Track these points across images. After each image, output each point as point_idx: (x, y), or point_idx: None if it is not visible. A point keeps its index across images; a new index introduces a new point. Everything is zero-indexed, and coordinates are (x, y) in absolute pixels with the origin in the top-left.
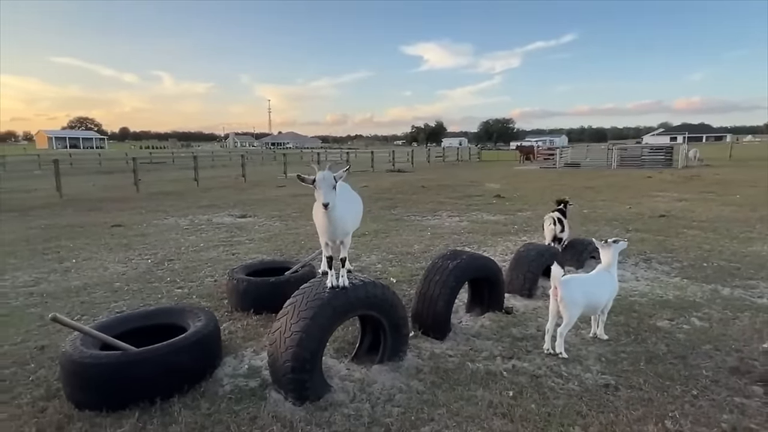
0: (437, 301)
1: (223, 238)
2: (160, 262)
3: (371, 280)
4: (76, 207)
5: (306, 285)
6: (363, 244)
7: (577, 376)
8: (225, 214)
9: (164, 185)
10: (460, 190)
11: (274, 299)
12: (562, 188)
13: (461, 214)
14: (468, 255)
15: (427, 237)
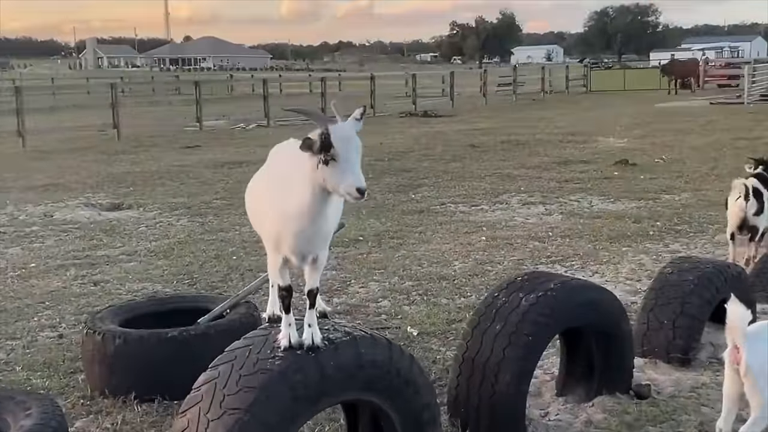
0: (499, 372)
1: (75, 252)
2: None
3: (367, 332)
4: None
5: (237, 344)
6: (354, 260)
7: None
8: (79, 203)
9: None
10: (546, 151)
11: (177, 372)
12: (755, 145)
13: (548, 199)
14: (561, 282)
15: (480, 246)
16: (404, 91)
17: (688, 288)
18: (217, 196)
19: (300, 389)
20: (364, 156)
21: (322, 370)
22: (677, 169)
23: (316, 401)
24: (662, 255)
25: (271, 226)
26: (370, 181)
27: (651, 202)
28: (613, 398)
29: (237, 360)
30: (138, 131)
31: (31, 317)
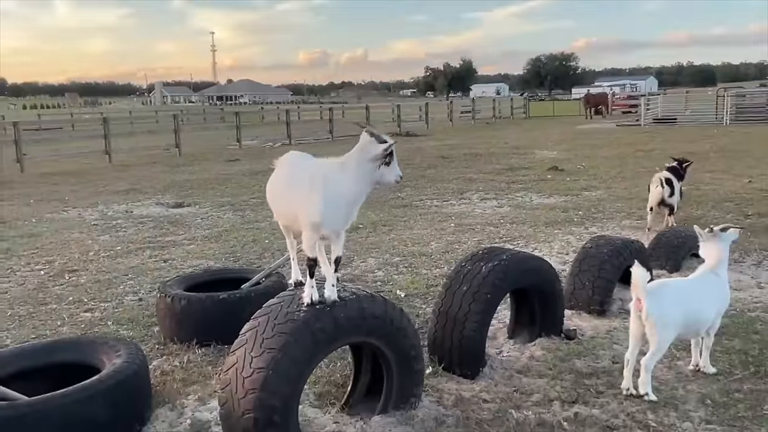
0: (466, 321)
1: (149, 238)
2: (58, 274)
3: (368, 292)
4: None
5: (272, 302)
6: (356, 242)
7: (671, 427)
8: (152, 202)
9: (61, 162)
10: (498, 160)
11: (226, 324)
12: (650, 156)
13: (500, 196)
14: (511, 254)
15: (450, 230)
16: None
17: (603, 258)
18: (253, 196)
19: (319, 334)
20: None
21: (336, 320)
22: (593, 173)
23: (331, 343)
24: (583, 235)
25: (315, 211)
26: None
27: (575, 197)
28: (549, 340)
29: (272, 313)
30: (193, 149)
31: (118, 286)
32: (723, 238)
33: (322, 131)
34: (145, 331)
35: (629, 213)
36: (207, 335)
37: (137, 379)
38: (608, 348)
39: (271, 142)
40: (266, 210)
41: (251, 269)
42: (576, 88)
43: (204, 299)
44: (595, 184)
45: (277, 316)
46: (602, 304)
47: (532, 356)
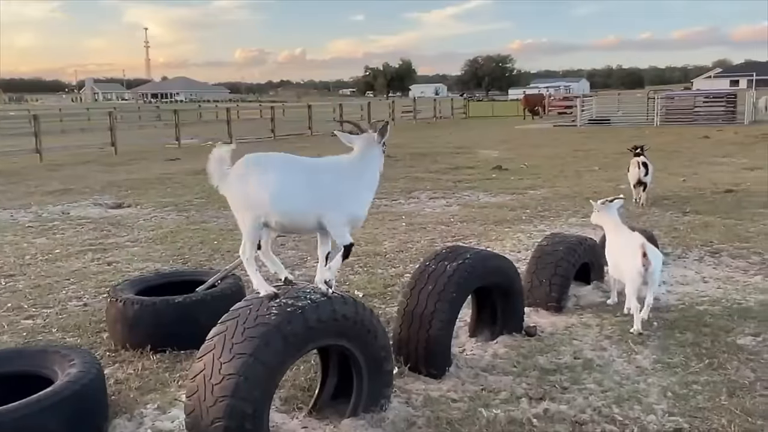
0: (432, 321)
1: (90, 240)
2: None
3: (339, 294)
4: None
5: (240, 305)
6: (308, 242)
7: (636, 420)
8: (89, 203)
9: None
10: (443, 160)
11: (182, 329)
12: (589, 155)
13: (448, 195)
14: (474, 253)
15: (402, 229)
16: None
17: (559, 255)
18: (197, 196)
19: (291, 337)
20: None
21: (307, 323)
22: (536, 172)
23: (303, 346)
24: (533, 233)
25: (363, 207)
26: None
27: (520, 196)
28: (511, 337)
29: (241, 317)
30: (130, 148)
31: (60, 291)
32: (611, 207)
33: (263, 130)
34: (94, 338)
35: (574, 211)
36: (162, 341)
37: (94, 389)
38: (568, 344)
39: (211, 141)
40: (212, 210)
41: (204, 271)
42: (512, 89)
43: (158, 303)
44: (539, 182)
45: (246, 320)
46: (559, 301)
47: (496, 354)
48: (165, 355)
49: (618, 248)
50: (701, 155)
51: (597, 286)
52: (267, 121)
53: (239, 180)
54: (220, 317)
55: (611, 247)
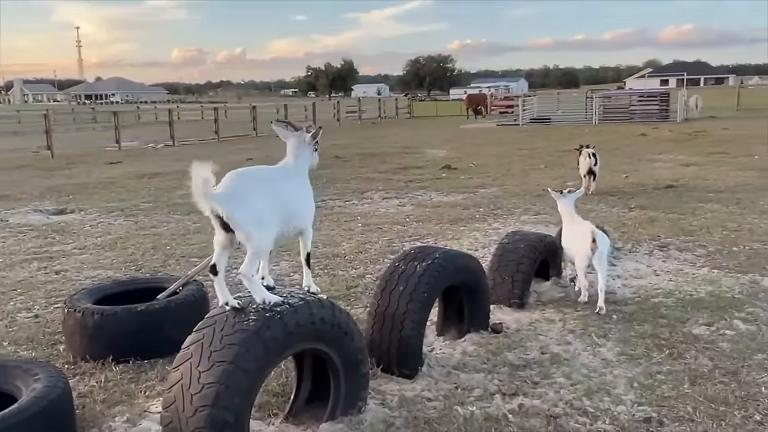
0: (404, 321)
1: (34, 249)
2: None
3: (316, 297)
4: None
5: (215, 312)
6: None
7: (607, 411)
8: (29, 209)
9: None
10: (392, 160)
11: (145, 338)
12: (534, 153)
13: (400, 194)
14: (442, 253)
15: (358, 230)
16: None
17: (521, 253)
18: (143, 200)
19: (270, 343)
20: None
21: (286, 327)
22: (484, 171)
23: (282, 352)
24: (488, 231)
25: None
26: None
27: (472, 195)
28: (478, 335)
29: (218, 324)
30: (67, 152)
31: (7, 302)
32: (570, 197)
33: (206, 131)
34: (50, 351)
35: (525, 209)
36: (124, 351)
37: (62, 404)
38: (534, 339)
39: (152, 143)
40: (161, 215)
41: (164, 278)
42: (454, 88)
43: (119, 312)
44: (489, 181)
45: (224, 327)
46: (521, 298)
47: (465, 352)
48: (128, 366)
49: (571, 234)
50: (640, 152)
51: (555, 282)
52: (209, 122)
53: (241, 198)
54: (184, 325)
55: (567, 234)
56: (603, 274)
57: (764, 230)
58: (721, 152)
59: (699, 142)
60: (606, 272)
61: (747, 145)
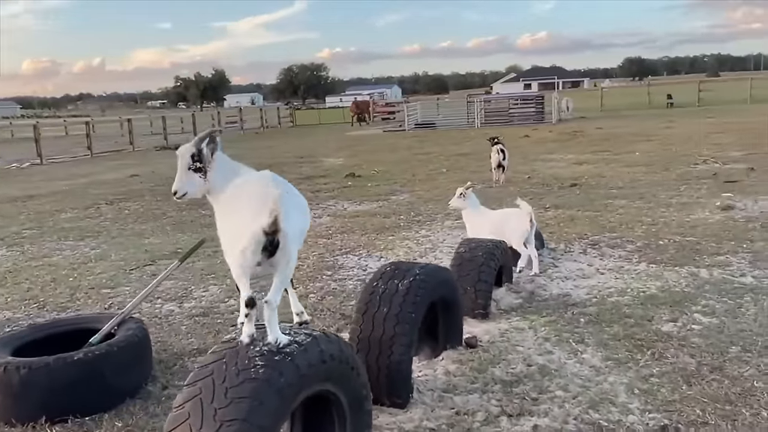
0: (393, 346)
1: None
2: None
3: (321, 331)
4: None
5: (208, 360)
6: (184, 270)
7: (621, 423)
8: None
9: None
10: (290, 170)
11: (85, 391)
12: (431, 158)
13: (312, 206)
14: (421, 268)
15: None
16: (150, 130)
17: (480, 261)
18: (24, 226)
19: (285, 390)
20: (135, 181)
21: (299, 369)
22: (389, 177)
23: (295, 399)
24: (420, 240)
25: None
26: (161, 203)
27: (386, 202)
28: (455, 351)
29: (216, 374)
30: None
31: None
32: (471, 194)
33: (77, 147)
34: None
35: (446, 214)
36: (60, 409)
37: None
38: (513, 351)
39: (16, 163)
40: (51, 242)
41: (88, 317)
42: (330, 96)
43: (52, 363)
44: (397, 188)
45: (226, 378)
46: (485, 308)
47: (448, 371)
48: (67, 426)
49: (498, 219)
50: (530, 153)
51: (509, 287)
52: (76, 137)
53: (285, 211)
54: (128, 371)
55: (485, 225)
56: (533, 244)
57: (678, 222)
58: (604, 150)
59: (580, 141)
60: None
61: (624, 142)
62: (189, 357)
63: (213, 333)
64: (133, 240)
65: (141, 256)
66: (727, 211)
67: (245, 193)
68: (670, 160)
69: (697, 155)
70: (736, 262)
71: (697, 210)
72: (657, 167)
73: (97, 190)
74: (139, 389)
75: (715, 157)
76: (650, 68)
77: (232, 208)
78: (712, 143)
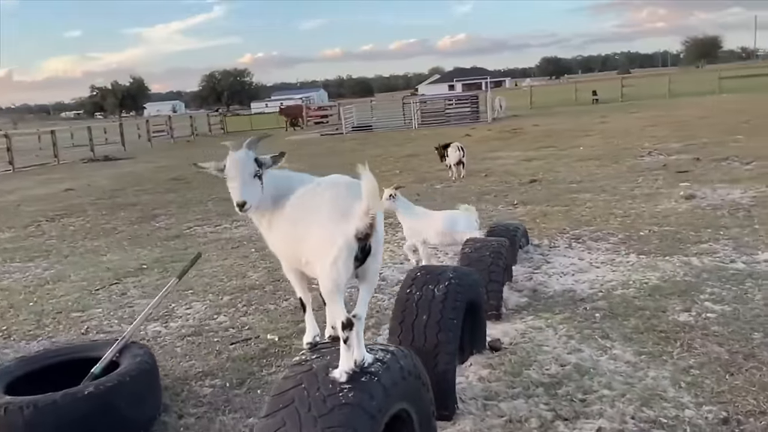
0: (438, 355)
1: None
2: None
3: (395, 346)
4: None
5: (283, 387)
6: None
7: (679, 419)
8: None
9: None
10: None
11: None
12: (378, 160)
13: None
14: (453, 270)
15: (256, 257)
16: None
17: (488, 261)
18: None
19: (375, 413)
20: (80, 197)
21: (386, 391)
22: None
23: (383, 420)
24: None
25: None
26: (108, 217)
27: None
28: (481, 356)
29: (299, 402)
30: None
31: None
32: (400, 196)
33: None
34: None
35: None
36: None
37: None
38: (540, 352)
39: None
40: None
41: (81, 346)
42: (255, 102)
43: (59, 400)
44: None
45: (311, 405)
46: (498, 308)
47: (483, 378)
48: None
49: (442, 220)
50: (477, 151)
51: (510, 286)
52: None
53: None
54: (142, 401)
55: (430, 226)
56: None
57: (650, 213)
58: (548, 146)
59: (523, 138)
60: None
61: (566, 138)
62: (196, 381)
63: (214, 353)
64: (89, 258)
65: (103, 275)
66: (691, 200)
67: (318, 198)
68: (616, 153)
69: (640, 148)
70: (721, 249)
71: (663, 200)
72: (606, 161)
73: (32, 206)
74: (153, 420)
75: (658, 149)
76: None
77: (300, 216)
78: (649, 136)
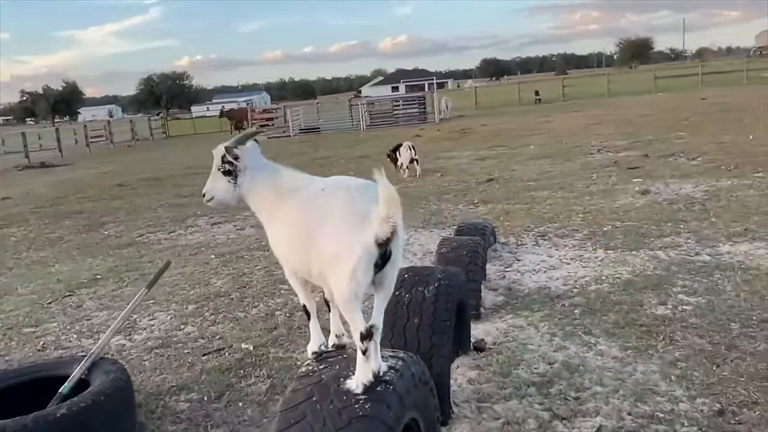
0: (432, 359)
1: None
2: None
3: (404, 352)
4: None
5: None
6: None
7: (675, 412)
8: None
9: None
10: (185, 182)
11: None
12: (331, 162)
13: (229, 218)
14: (441, 272)
15: (216, 263)
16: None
17: (466, 261)
18: None
19: (392, 423)
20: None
21: (401, 400)
22: None
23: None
24: None
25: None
26: (52, 226)
27: None
28: (467, 357)
29: (312, 416)
30: None
31: None
32: None
33: None
34: None
35: None
36: None
37: None
38: (526, 351)
39: None
40: None
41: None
42: (195, 106)
43: (30, 424)
44: None
45: (326, 419)
46: (477, 308)
47: (472, 380)
48: None
49: None
50: (429, 152)
51: (485, 285)
52: None
53: None
54: (118, 421)
55: None
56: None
57: (609, 209)
58: (498, 145)
59: (473, 138)
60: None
61: (515, 137)
62: (170, 396)
63: (186, 365)
64: (36, 270)
65: (54, 287)
66: (646, 195)
67: (332, 199)
68: (566, 151)
69: (589, 145)
70: (684, 242)
71: (620, 196)
72: (558, 159)
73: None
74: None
75: (606, 147)
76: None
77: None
78: (595, 134)
